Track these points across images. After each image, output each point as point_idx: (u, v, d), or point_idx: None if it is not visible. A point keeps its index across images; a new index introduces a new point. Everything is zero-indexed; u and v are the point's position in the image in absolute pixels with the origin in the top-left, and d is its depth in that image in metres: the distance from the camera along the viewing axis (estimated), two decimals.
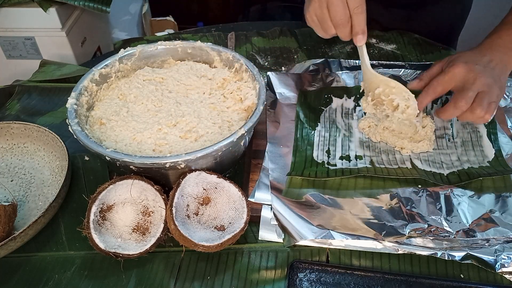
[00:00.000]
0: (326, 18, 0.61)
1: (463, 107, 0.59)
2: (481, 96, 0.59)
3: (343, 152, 0.66)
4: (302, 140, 0.67)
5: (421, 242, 0.54)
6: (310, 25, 0.65)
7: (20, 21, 1.07)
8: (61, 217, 0.60)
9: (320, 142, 0.67)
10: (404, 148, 0.65)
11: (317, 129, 0.69)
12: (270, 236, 0.56)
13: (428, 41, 0.93)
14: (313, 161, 0.64)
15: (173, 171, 0.56)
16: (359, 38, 0.61)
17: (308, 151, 0.65)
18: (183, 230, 0.51)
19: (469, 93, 0.59)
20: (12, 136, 0.67)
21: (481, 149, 0.65)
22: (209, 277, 0.53)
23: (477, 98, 0.59)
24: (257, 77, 0.65)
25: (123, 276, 0.53)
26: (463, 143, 0.66)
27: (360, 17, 0.59)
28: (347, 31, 0.61)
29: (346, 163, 0.64)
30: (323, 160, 0.65)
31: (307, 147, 0.66)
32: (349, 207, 0.57)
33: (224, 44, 0.94)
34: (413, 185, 0.60)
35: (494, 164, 0.63)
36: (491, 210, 0.57)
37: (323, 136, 0.68)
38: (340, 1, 0.58)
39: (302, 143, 0.66)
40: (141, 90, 0.67)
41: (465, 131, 0.68)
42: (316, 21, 0.63)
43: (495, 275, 0.53)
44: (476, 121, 0.62)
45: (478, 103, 0.59)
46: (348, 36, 0.62)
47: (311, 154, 0.65)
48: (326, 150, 0.66)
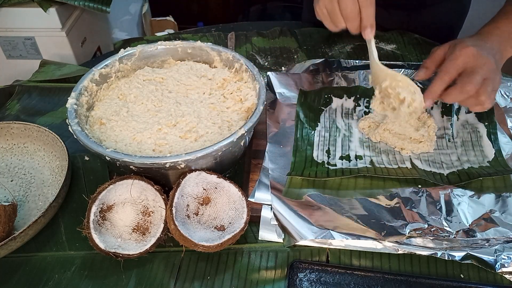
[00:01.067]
0: (336, 11, 0.61)
1: (470, 92, 0.57)
2: (486, 82, 0.57)
3: (343, 152, 0.66)
4: (302, 140, 0.67)
5: (421, 242, 0.54)
6: (320, 18, 0.64)
7: (20, 21, 1.07)
8: (61, 217, 0.60)
9: (320, 142, 0.67)
10: (405, 148, 0.65)
11: (317, 129, 0.69)
12: (270, 236, 0.56)
13: (428, 41, 0.93)
14: (313, 161, 0.64)
15: (173, 171, 0.56)
16: (368, 32, 0.61)
17: (308, 151, 0.65)
18: (183, 230, 0.51)
19: (477, 78, 0.56)
20: (12, 136, 0.67)
21: (481, 149, 0.65)
22: (209, 277, 0.53)
23: (483, 84, 0.57)
24: (257, 77, 0.65)
25: (123, 276, 0.53)
26: (463, 143, 0.66)
27: (369, 10, 0.59)
28: (356, 24, 0.61)
29: (346, 163, 0.64)
30: (323, 160, 0.65)
31: (307, 147, 0.66)
32: (349, 207, 0.57)
33: (224, 44, 0.94)
34: (413, 185, 0.60)
35: (494, 164, 0.63)
36: (491, 210, 0.57)
37: (323, 136, 0.68)
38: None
39: (302, 143, 0.66)
40: (141, 90, 0.67)
41: (465, 131, 0.68)
42: (326, 13, 0.63)
43: (495, 275, 0.53)
44: (475, 108, 0.60)
45: (484, 89, 0.57)
46: (357, 29, 0.62)
47: (311, 154, 0.65)
48: (326, 150, 0.66)
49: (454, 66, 0.59)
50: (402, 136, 0.66)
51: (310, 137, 0.68)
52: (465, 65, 0.58)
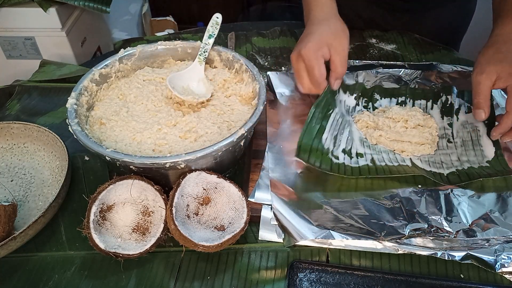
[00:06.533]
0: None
1: None
2: None
3: (346, 145, 0.66)
4: (320, 112, 0.67)
5: (421, 242, 0.54)
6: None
7: (20, 21, 1.07)
8: (61, 217, 0.60)
9: (333, 124, 0.67)
10: (405, 151, 0.65)
11: (335, 111, 0.69)
12: (270, 236, 0.56)
13: (428, 41, 0.93)
14: (320, 143, 0.64)
15: (173, 171, 0.56)
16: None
17: (320, 129, 0.66)
18: (183, 230, 0.51)
19: None
20: (12, 136, 0.67)
21: (481, 148, 0.65)
22: (209, 277, 0.53)
23: None
24: (257, 77, 0.65)
25: (123, 276, 0.53)
26: (463, 143, 0.66)
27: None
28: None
29: (348, 159, 0.64)
30: (329, 147, 0.64)
31: (322, 122, 0.66)
32: (349, 207, 0.57)
33: (224, 44, 0.94)
34: (413, 185, 0.60)
35: (494, 164, 0.63)
36: (491, 210, 0.57)
37: (337, 120, 0.68)
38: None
39: (319, 114, 0.66)
40: (141, 90, 0.67)
41: (465, 130, 0.68)
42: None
43: (495, 275, 0.53)
44: None
45: None
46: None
47: (322, 133, 0.65)
48: (335, 135, 0.66)
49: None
50: (400, 141, 0.66)
51: (327, 115, 0.67)
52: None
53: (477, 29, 1.03)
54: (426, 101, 0.73)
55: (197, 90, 0.68)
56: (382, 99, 0.75)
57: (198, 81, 0.69)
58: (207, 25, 0.71)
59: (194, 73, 0.69)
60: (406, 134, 0.66)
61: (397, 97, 0.75)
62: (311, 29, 0.67)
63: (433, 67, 0.82)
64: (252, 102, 0.65)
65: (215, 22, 0.71)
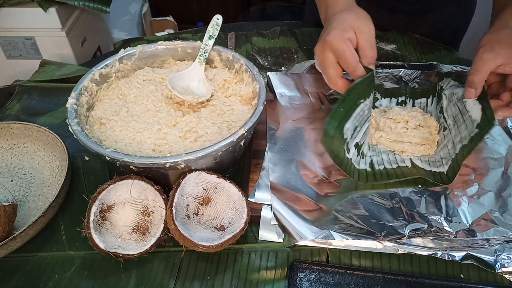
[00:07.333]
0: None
1: None
2: None
3: (360, 140, 0.63)
4: (351, 99, 0.60)
5: (421, 242, 0.54)
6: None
7: (20, 21, 1.07)
8: (61, 217, 0.60)
9: (358, 115, 0.62)
10: (405, 151, 0.65)
11: (365, 102, 0.62)
12: (270, 236, 0.56)
13: (428, 41, 0.93)
14: (341, 131, 0.59)
15: (173, 171, 0.56)
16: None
17: (346, 116, 0.60)
18: (183, 230, 0.51)
19: None
20: (12, 136, 0.67)
21: (469, 115, 0.60)
22: (209, 277, 0.53)
23: None
24: (257, 77, 0.65)
25: (123, 276, 0.53)
26: (454, 121, 0.63)
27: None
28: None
29: (355, 154, 0.62)
30: (347, 137, 0.60)
31: (349, 110, 0.60)
32: (349, 207, 0.57)
33: (224, 44, 0.94)
34: (413, 185, 0.60)
35: (482, 124, 0.58)
36: (491, 210, 0.57)
37: (363, 111, 0.62)
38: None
39: (350, 101, 0.60)
40: (141, 90, 0.67)
41: (451, 104, 0.65)
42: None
43: (495, 275, 0.53)
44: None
45: None
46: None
47: (346, 121, 0.59)
48: (356, 126, 0.61)
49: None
50: (400, 141, 0.65)
51: (357, 103, 0.61)
52: None
53: (477, 29, 1.03)
54: (427, 98, 0.73)
55: (197, 90, 0.68)
56: (382, 99, 0.75)
57: (198, 81, 0.69)
58: (207, 26, 0.71)
59: (194, 73, 0.69)
60: (406, 134, 0.66)
61: (397, 97, 0.75)
62: (331, 20, 0.62)
63: (433, 67, 0.82)
64: (252, 102, 0.65)
65: (216, 23, 0.71)
